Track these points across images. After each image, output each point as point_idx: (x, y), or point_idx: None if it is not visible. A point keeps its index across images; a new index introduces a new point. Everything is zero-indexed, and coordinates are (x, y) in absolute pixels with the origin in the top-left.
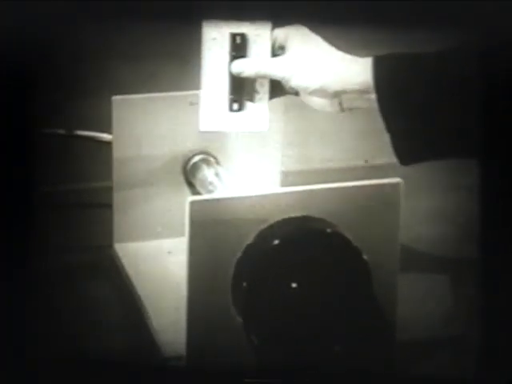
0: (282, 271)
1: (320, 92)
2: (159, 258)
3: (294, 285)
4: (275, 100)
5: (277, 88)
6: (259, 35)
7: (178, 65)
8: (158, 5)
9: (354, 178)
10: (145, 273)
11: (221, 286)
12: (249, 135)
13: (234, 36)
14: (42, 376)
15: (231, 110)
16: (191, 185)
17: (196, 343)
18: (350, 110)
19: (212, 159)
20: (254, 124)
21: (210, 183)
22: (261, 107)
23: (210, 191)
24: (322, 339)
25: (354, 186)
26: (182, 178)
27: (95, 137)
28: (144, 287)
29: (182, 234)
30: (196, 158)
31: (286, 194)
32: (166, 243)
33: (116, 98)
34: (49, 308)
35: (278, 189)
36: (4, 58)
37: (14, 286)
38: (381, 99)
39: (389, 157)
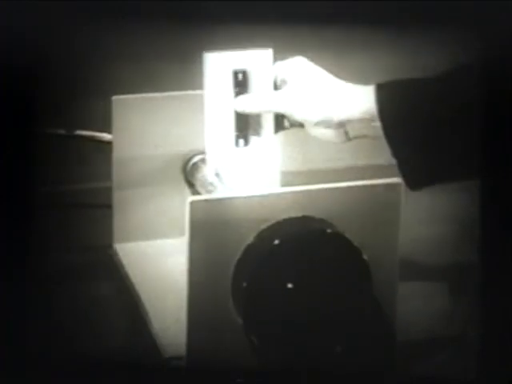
0: (282, 271)
1: (324, 123)
2: (159, 258)
3: (294, 285)
4: (268, 137)
5: (282, 122)
6: (261, 70)
7: (178, 65)
8: (157, 5)
9: (354, 178)
10: (145, 273)
11: (221, 286)
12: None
13: (236, 73)
14: (42, 376)
15: (237, 146)
16: (191, 185)
17: (196, 343)
18: (357, 138)
19: None
20: (261, 159)
21: (210, 183)
22: (267, 141)
23: (209, 191)
24: (322, 339)
25: (353, 186)
26: (181, 178)
27: (95, 137)
28: (144, 287)
29: (182, 234)
30: (196, 158)
31: (286, 194)
32: (166, 243)
33: (116, 98)
34: (49, 308)
35: (277, 189)
36: (4, 57)
37: (14, 286)
38: (386, 127)
39: (389, 157)
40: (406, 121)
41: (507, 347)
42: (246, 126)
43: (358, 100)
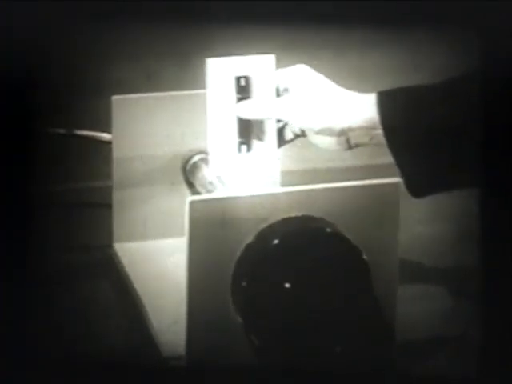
0: (282, 271)
1: (326, 131)
2: (159, 258)
3: (293, 285)
4: (270, 143)
5: (284, 134)
6: (263, 76)
7: (178, 65)
8: (157, 5)
9: (354, 178)
10: (145, 273)
11: (221, 285)
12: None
13: (238, 79)
14: (41, 376)
15: (240, 152)
16: (191, 184)
17: (196, 343)
18: (358, 146)
19: None
20: (263, 166)
21: (210, 183)
22: (269, 147)
23: (209, 191)
24: (322, 339)
25: (353, 186)
26: (181, 178)
27: (95, 136)
28: (144, 287)
29: (182, 234)
30: (196, 158)
31: (285, 193)
32: (166, 243)
33: (116, 98)
34: (49, 308)
35: (277, 188)
36: (4, 57)
37: (14, 286)
38: (388, 134)
39: (389, 157)
40: (408, 129)
41: (507, 347)
42: (248, 132)
43: (359, 108)
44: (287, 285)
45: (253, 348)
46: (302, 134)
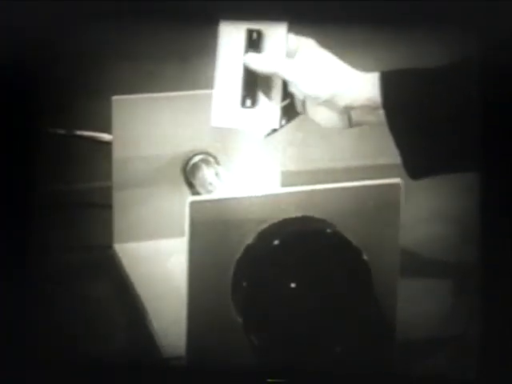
0: (282, 271)
1: (330, 104)
2: (159, 258)
3: (293, 285)
4: (275, 100)
5: (288, 109)
6: (275, 33)
7: (177, 65)
8: (157, 5)
9: (354, 178)
10: (145, 273)
11: (221, 286)
12: (249, 136)
13: (250, 32)
14: (42, 376)
15: (243, 106)
16: (191, 185)
17: (196, 343)
18: (359, 125)
19: (212, 159)
20: (265, 121)
21: (210, 183)
22: (273, 105)
23: (209, 191)
24: (322, 339)
25: (354, 186)
26: (181, 178)
27: (95, 137)
28: (144, 287)
29: (182, 234)
30: (196, 158)
31: (285, 194)
32: (166, 243)
33: (116, 98)
34: (49, 308)
35: (278, 189)
36: (4, 57)
37: (14, 286)
38: (389, 115)
39: (389, 157)
40: (409, 110)
41: (507, 347)
42: (254, 86)
43: (363, 86)
44: (287, 285)
45: (253, 348)
46: (304, 111)
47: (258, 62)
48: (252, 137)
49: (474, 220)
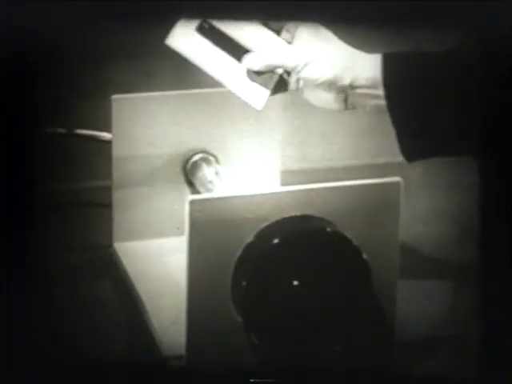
0: (282, 270)
1: (328, 85)
2: (159, 257)
3: (293, 284)
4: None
5: (281, 82)
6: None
7: (177, 64)
8: (157, 5)
9: (353, 178)
10: (145, 272)
11: (221, 285)
12: (249, 135)
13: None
14: (42, 376)
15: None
16: (191, 184)
17: (196, 343)
18: (354, 108)
19: (212, 158)
20: (251, 97)
21: (210, 182)
22: (262, 88)
23: (209, 190)
24: (322, 339)
25: (353, 186)
26: (181, 177)
27: (95, 136)
28: (144, 287)
29: (182, 233)
30: (196, 157)
31: (285, 193)
32: (166, 242)
33: (116, 97)
34: (49, 308)
35: (277, 188)
36: (4, 57)
37: (14, 286)
38: (389, 95)
39: (389, 157)
40: (410, 91)
41: (507, 347)
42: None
43: (364, 66)
44: (287, 284)
45: (253, 348)
46: (299, 87)
47: (258, 62)
48: (252, 137)
49: (474, 219)
